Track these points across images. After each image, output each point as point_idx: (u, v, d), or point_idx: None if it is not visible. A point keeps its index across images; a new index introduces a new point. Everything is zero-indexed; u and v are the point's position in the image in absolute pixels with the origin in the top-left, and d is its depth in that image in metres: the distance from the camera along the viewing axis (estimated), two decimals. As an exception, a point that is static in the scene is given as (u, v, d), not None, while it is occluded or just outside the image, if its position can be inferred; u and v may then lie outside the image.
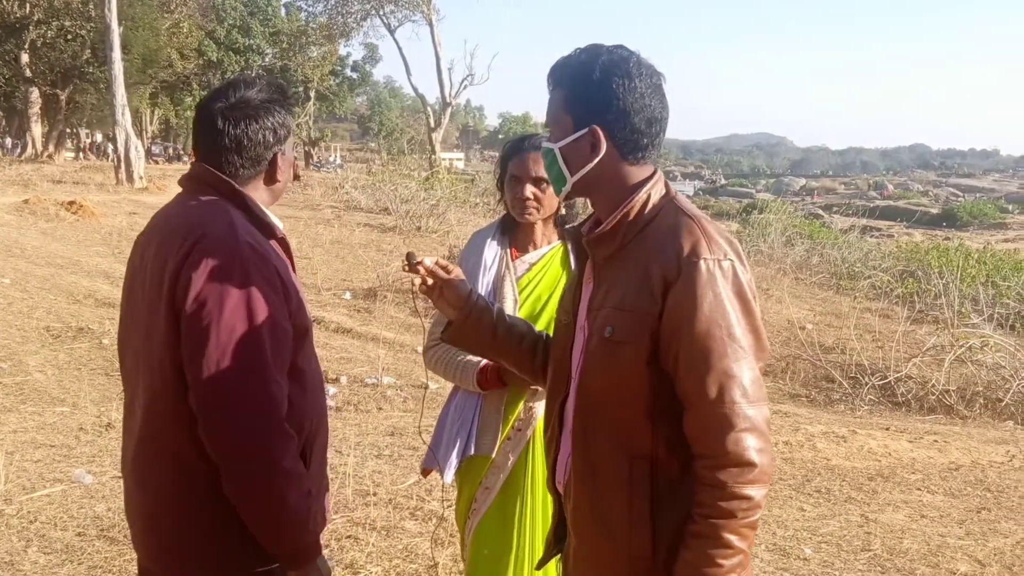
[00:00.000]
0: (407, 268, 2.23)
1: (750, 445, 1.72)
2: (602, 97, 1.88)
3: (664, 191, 1.93)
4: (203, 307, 1.96)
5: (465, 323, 2.24)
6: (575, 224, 2.11)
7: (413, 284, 2.25)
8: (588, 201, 2.05)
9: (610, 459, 1.86)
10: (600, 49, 1.91)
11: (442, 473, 2.93)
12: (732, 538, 1.72)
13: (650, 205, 1.90)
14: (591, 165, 1.91)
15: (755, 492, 1.72)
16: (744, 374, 1.74)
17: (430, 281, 2.23)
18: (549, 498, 2.88)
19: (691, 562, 1.75)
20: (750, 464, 1.72)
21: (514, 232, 3.04)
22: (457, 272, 2.26)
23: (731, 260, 1.79)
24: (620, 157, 1.91)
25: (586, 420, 1.91)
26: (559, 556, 2.18)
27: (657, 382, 1.80)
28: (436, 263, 2.23)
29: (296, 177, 2.36)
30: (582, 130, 1.90)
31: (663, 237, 1.83)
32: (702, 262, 1.76)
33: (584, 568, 1.97)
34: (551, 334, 2.25)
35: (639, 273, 1.83)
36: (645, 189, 1.91)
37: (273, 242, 2.20)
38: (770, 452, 1.76)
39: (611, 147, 1.90)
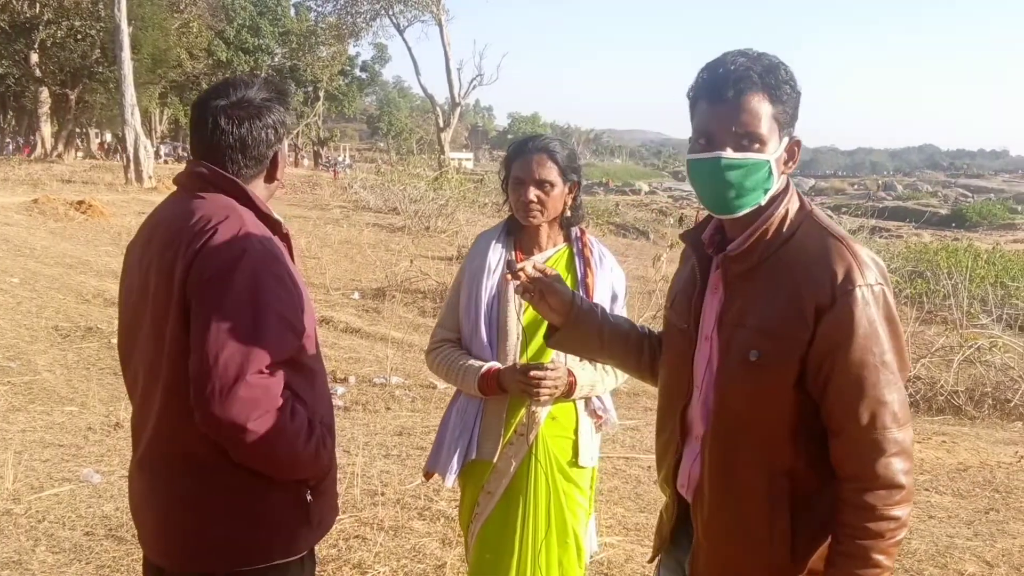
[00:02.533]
0: (508, 275, 2.18)
1: (899, 468, 1.76)
2: (797, 106, 1.87)
3: (799, 204, 1.91)
4: (207, 298, 1.97)
5: (572, 329, 2.19)
6: (692, 228, 2.07)
7: (518, 292, 2.19)
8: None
9: (751, 475, 1.88)
10: (780, 61, 1.86)
11: (444, 476, 2.92)
12: (880, 558, 1.76)
13: (788, 221, 1.88)
14: (784, 178, 1.90)
15: (902, 512, 1.77)
16: (894, 399, 1.78)
17: (532, 286, 2.17)
18: (552, 501, 2.88)
19: None
20: (899, 487, 1.76)
21: (519, 234, 3.02)
22: (557, 276, 2.20)
23: (881, 284, 1.80)
24: (794, 167, 1.92)
25: (727, 438, 1.91)
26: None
27: (802, 403, 1.82)
28: (535, 267, 2.17)
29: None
30: (785, 139, 1.87)
31: (812, 260, 1.81)
32: (858, 290, 1.76)
33: (717, 572, 1.98)
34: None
35: (786, 296, 1.81)
36: (783, 204, 1.89)
37: (276, 238, 2.20)
38: (914, 472, 1.80)
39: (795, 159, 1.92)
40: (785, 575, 1.88)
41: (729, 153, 1.81)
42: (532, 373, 2.75)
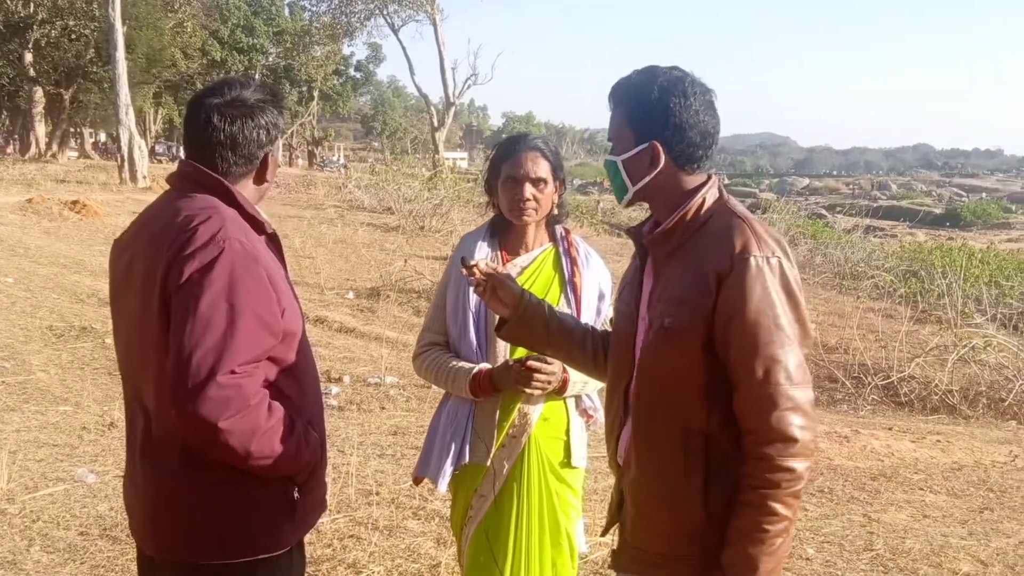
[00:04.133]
0: (464, 271, 2.40)
1: (792, 422, 1.89)
2: (660, 115, 2.06)
3: (717, 195, 2.10)
4: (184, 299, 1.99)
5: (520, 320, 2.40)
6: (635, 225, 2.27)
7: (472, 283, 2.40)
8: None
9: (669, 434, 2.02)
10: (657, 71, 2.09)
11: (435, 482, 2.89)
12: (777, 506, 1.89)
13: (704, 208, 2.08)
14: (650, 176, 2.10)
15: (797, 464, 1.89)
16: (788, 359, 1.92)
17: (484, 280, 2.39)
18: (545, 502, 2.87)
19: (741, 528, 1.92)
20: (792, 439, 1.89)
21: (505, 234, 3.00)
22: (508, 272, 2.44)
23: (778, 257, 1.97)
24: (677, 168, 2.09)
25: (647, 400, 2.08)
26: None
27: (711, 366, 1.97)
28: (487, 264, 2.41)
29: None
30: (642, 145, 2.09)
31: (717, 237, 2.01)
32: (752, 259, 1.94)
33: (640, 533, 2.12)
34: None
35: (695, 269, 2.00)
36: (700, 194, 2.08)
37: (263, 238, 2.22)
38: (813, 429, 1.93)
39: (668, 160, 2.08)
40: (700, 531, 2.00)
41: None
42: (528, 363, 2.74)
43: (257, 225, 2.20)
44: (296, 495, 2.19)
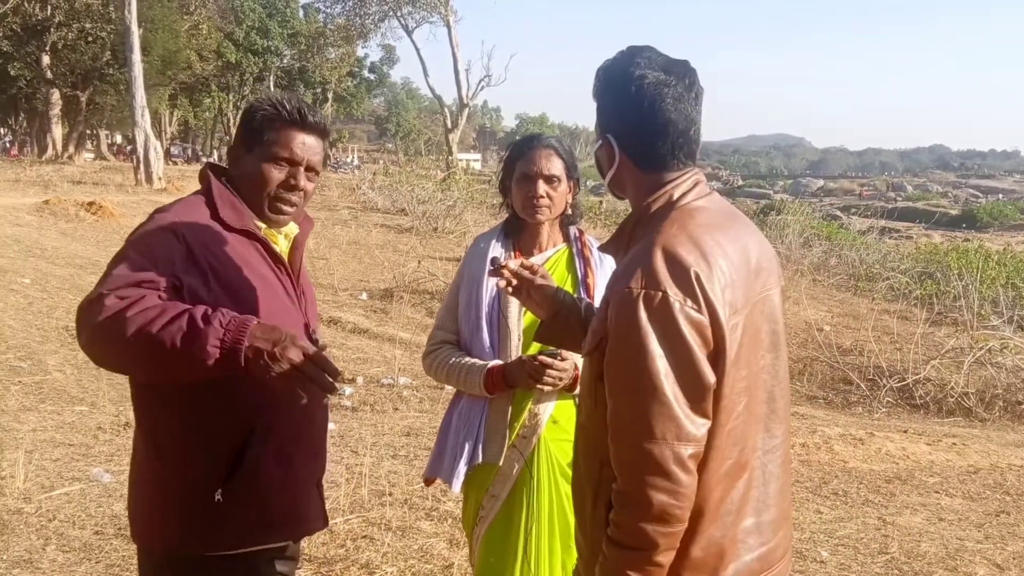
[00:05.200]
0: (491, 272, 2.33)
1: (645, 482, 1.68)
2: (610, 110, 1.93)
3: (671, 199, 1.86)
4: None
5: (555, 321, 2.29)
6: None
7: (500, 286, 2.34)
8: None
9: (584, 460, 1.91)
10: (613, 60, 1.93)
11: (449, 482, 2.88)
12: (626, 569, 1.71)
13: (647, 217, 1.87)
14: (611, 171, 1.95)
15: (650, 528, 1.68)
16: (651, 410, 1.67)
17: (515, 282, 2.31)
18: (555, 505, 2.86)
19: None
20: (646, 503, 1.68)
21: (519, 235, 3.00)
22: (543, 272, 2.32)
23: (664, 292, 1.68)
24: (635, 166, 1.91)
25: (577, 423, 1.98)
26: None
27: (605, 399, 1.78)
28: (521, 264, 2.32)
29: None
30: (601, 139, 1.95)
31: (626, 259, 1.83)
32: (625, 291, 1.71)
33: (578, 554, 2.03)
34: None
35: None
36: (649, 200, 1.88)
37: (234, 234, 2.24)
38: (676, 491, 1.67)
39: (624, 156, 1.91)
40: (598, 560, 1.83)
41: None
42: (541, 359, 2.74)
43: (223, 222, 2.24)
44: (218, 497, 2.13)
